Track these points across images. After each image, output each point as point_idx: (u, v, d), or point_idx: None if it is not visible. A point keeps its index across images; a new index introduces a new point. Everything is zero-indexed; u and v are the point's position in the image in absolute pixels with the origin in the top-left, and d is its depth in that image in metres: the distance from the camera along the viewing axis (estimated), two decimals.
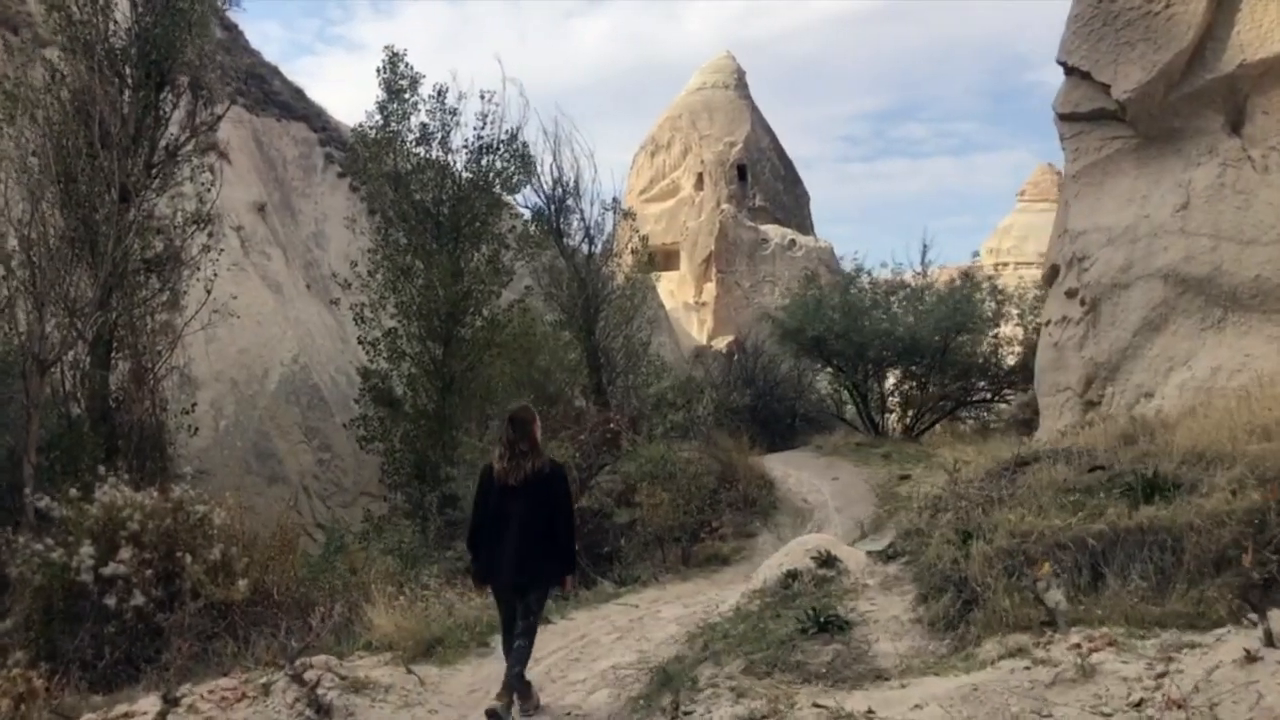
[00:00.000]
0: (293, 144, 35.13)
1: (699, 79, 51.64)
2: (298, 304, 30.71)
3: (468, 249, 22.87)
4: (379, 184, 23.27)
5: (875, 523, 13.10)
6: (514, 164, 23.75)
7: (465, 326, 22.48)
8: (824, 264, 47.35)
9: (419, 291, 22.19)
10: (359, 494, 27.81)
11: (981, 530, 7.45)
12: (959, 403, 23.69)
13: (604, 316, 25.76)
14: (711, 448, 15.70)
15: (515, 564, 7.14)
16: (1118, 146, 12.51)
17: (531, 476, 7.19)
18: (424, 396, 22.27)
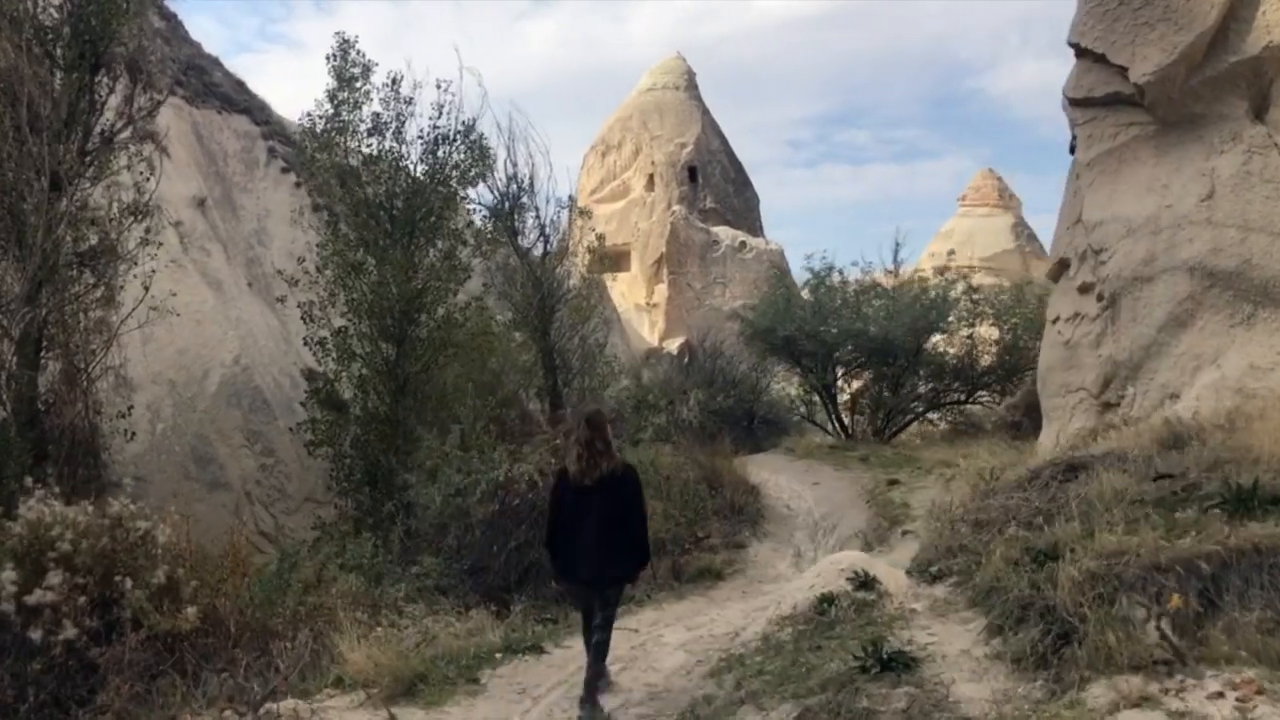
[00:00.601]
0: (234, 137, 33.51)
1: (649, 79, 50.65)
2: (239, 303, 29.16)
3: (423, 244, 21.61)
4: (328, 176, 21.92)
5: (878, 533, 12.13)
6: (471, 156, 22.55)
7: (420, 325, 21.21)
8: (775, 266, 46.54)
9: (371, 289, 20.86)
10: (304, 500, 26.39)
11: (1058, 549, 6.44)
12: (932, 405, 22.88)
13: (559, 317, 24.66)
14: (695, 452, 14.64)
15: (593, 562, 7.40)
16: (1135, 133, 11.64)
17: (606, 476, 7.47)
18: (375, 399, 20.94)
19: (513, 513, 13.35)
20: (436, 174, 22.17)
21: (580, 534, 7.45)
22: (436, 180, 22.15)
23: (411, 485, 16.59)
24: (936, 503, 10.77)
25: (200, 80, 34.14)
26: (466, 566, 13.22)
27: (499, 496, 13.59)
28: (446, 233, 22.09)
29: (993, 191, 70.62)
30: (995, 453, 15.10)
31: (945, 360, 22.25)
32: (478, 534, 13.44)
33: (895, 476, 15.95)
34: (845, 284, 23.91)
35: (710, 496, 13.46)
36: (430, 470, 16.68)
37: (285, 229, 30.36)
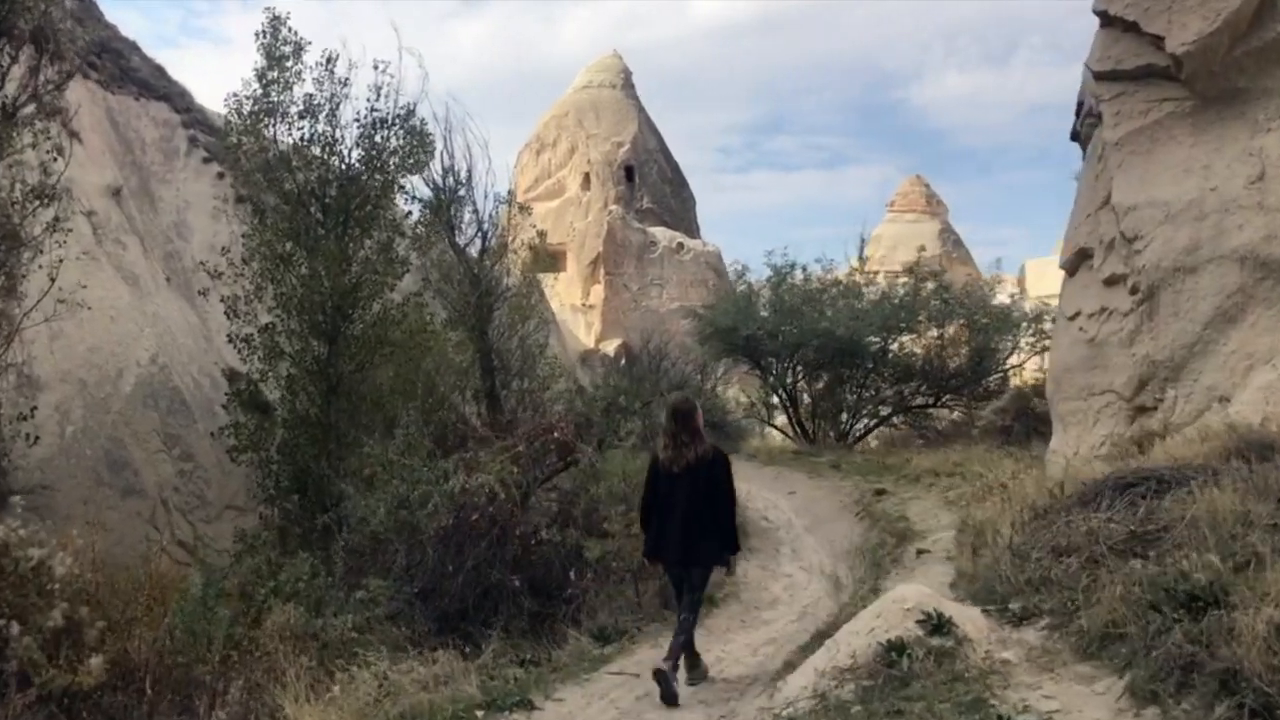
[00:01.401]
0: (153, 125, 31.29)
1: (585, 77, 49.11)
2: (157, 298, 27.04)
3: (358, 235, 19.80)
4: (256, 160, 20.01)
5: (884, 552, 10.74)
6: (411, 142, 20.78)
7: (354, 322, 19.41)
8: (712, 268, 45.33)
9: (301, 282, 18.98)
10: (225, 508, 24.43)
11: (1212, 590, 5.05)
12: (898, 408, 21.63)
13: (498, 316, 22.98)
14: None
15: (680, 546, 7.73)
16: (1169, 109, 10.40)
17: (694, 463, 7.75)
18: (305, 400, 19.08)
19: (470, 528, 11.73)
20: (373, 160, 20.38)
21: (670, 518, 7.78)
22: (373, 167, 20.35)
23: (349, 496, 14.84)
24: (974, 521, 9.37)
25: (116, 64, 31.80)
26: (417, 589, 11.59)
27: (455, 511, 11.96)
28: (383, 223, 20.32)
29: (920, 197, 70.53)
30: (991, 461, 13.86)
31: (913, 362, 21.07)
32: (430, 552, 11.79)
33: (880, 485, 14.62)
34: (808, 281, 22.66)
35: None
36: (368, 479, 15.00)
37: (207, 222, 28.37)
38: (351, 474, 16.20)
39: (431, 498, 12.07)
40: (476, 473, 12.16)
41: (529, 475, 12.21)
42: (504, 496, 11.55)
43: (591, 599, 10.15)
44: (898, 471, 15.66)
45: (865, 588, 9.51)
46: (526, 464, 12.17)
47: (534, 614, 10.48)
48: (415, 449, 15.99)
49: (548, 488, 12.56)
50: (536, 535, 11.49)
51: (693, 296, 43.90)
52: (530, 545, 11.39)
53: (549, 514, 11.72)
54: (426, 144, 21.41)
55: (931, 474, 14.32)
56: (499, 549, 11.52)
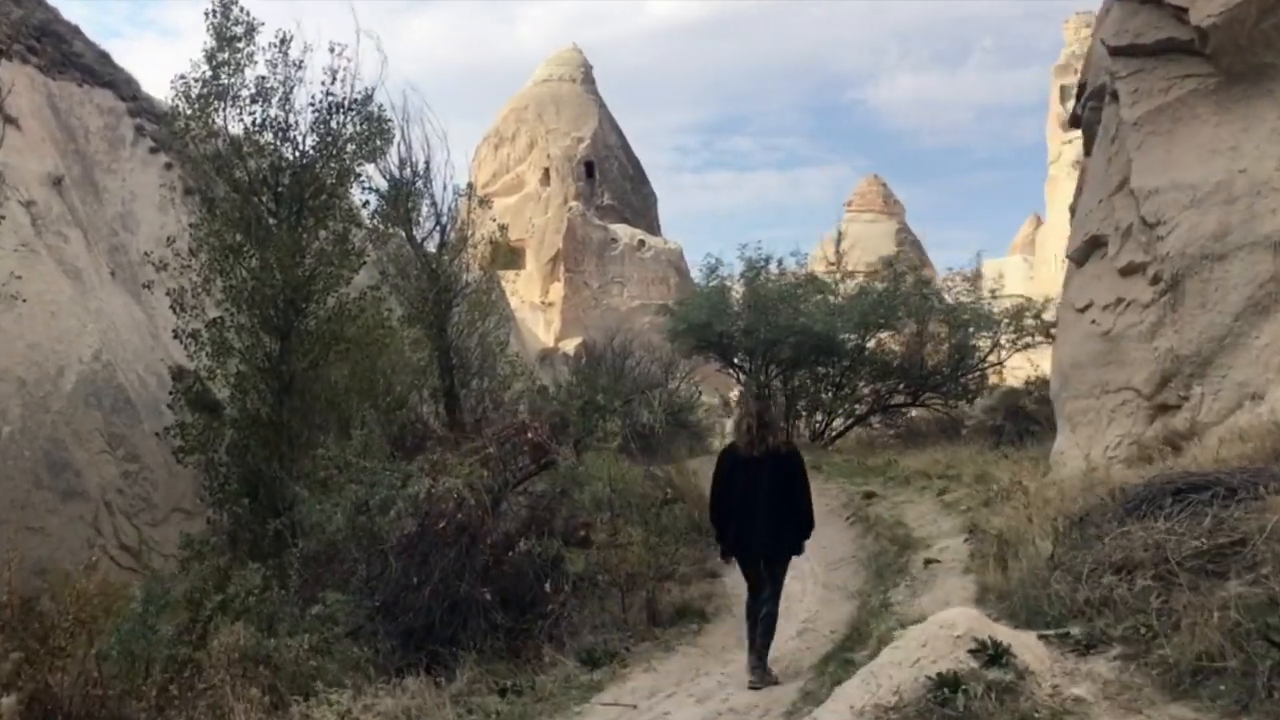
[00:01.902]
0: (97, 113, 29.85)
1: (545, 70, 48.08)
2: (100, 293, 25.69)
3: (312, 225, 18.70)
4: (205, 146, 18.85)
5: (886, 562, 9.91)
6: (370, 128, 19.69)
7: (308, 317, 18.30)
8: (674, 266, 44.54)
9: (252, 275, 17.84)
10: (172, 511, 23.20)
11: None
12: (876, 407, 20.86)
13: (457, 312, 21.99)
14: (649, 462, 12.29)
15: (767, 535, 7.70)
16: (1192, 86, 9.67)
17: (774, 450, 7.77)
18: (256, 399, 17.96)
19: (436, 536, 10.77)
20: (329, 147, 19.27)
21: (752, 508, 7.73)
22: (329, 154, 19.24)
23: (303, 500, 13.80)
24: (992, 529, 8.54)
25: (58, 49, 30.31)
26: (379, 603, 10.61)
27: (419, 518, 11.00)
28: (339, 213, 19.22)
29: (878, 197, 70.28)
30: (986, 462, 13.11)
31: (890, 359, 20.33)
32: (392, 563, 10.82)
33: (868, 488, 13.83)
34: (782, 275, 21.84)
35: (671, 515, 11.07)
36: (322, 482, 14.02)
37: (154, 214, 27.06)
38: (305, 476, 15.23)
39: (394, 503, 11.11)
40: (443, 476, 11.21)
41: (500, 479, 11.28)
42: (473, 502, 10.61)
43: (572, 615, 9.21)
44: (883, 473, 14.88)
45: (874, 601, 8.68)
46: (497, 467, 11.22)
47: (509, 631, 9.54)
48: (374, 450, 15.06)
49: (520, 492, 11.64)
50: (512, 547, 10.56)
51: (654, 295, 43.07)
52: (502, 555, 10.47)
53: (524, 521, 10.78)
54: (385, 131, 20.32)
55: (922, 476, 13.54)
56: (468, 559, 10.56)
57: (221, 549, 16.36)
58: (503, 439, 11.45)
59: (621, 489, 9.83)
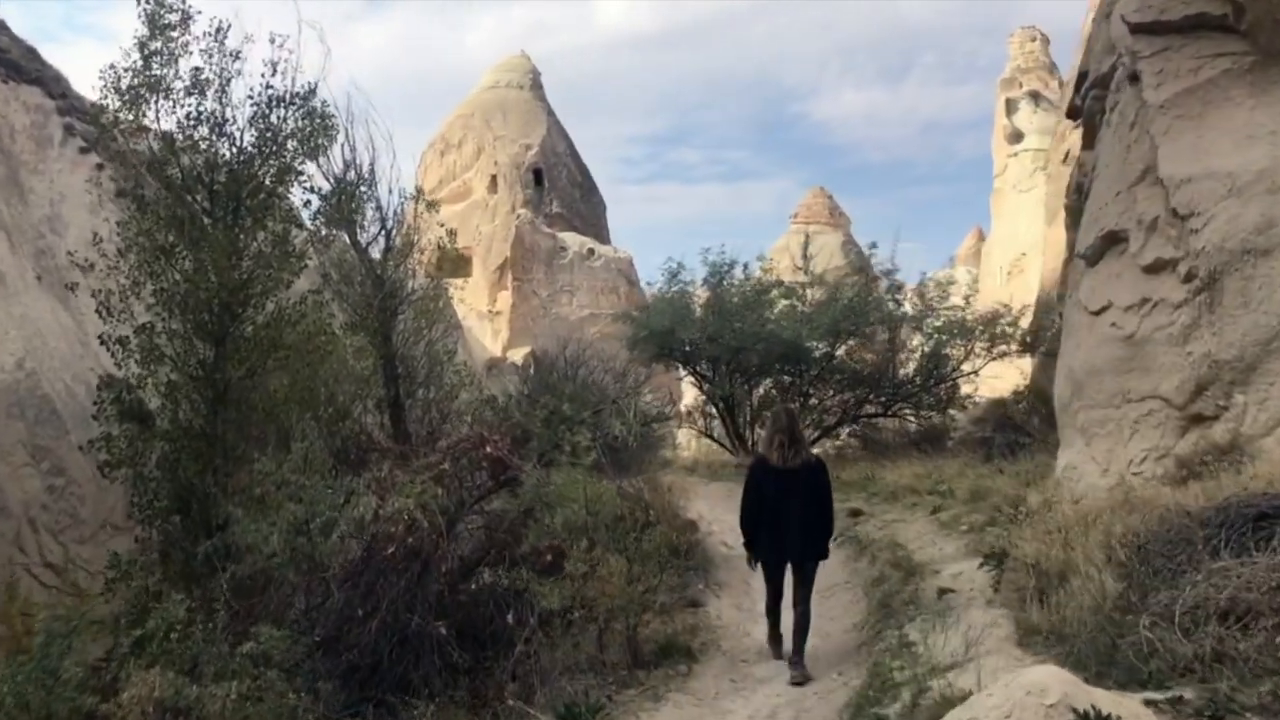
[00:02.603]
0: (23, 110, 27.95)
1: (493, 77, 46.69)
2: (25, 298, 23.91)
3: (250, 225, 17.25)
4: (136, 140, 17.34)
5: (891, 591, 8.75)
6: (312, 123, 18.28)
7: (245, 322, 16.84)
8: (624, 275, 43.35)
9: (185, 276, 16.35)
10: (100, 527, 21.52)
11: None
12: (845, 417, 19.78)
13: (403, 320, 20.63)
14: (622, 478, 11.04)
15: (797, 541, 8.20)
16: (1225, 66, 8.69)
17: (807, 462, 8.41)
18: (188, 410, 16.46)
19: (384, 563, 9.47)
20: (268, 143, 17.84)
21: (786, 516, 8.15)
22: (269, 150, 17.81)
23: (237, 519, 12.38)
24: (1022, 557, 7.40)
25: None
26: (319, 638, 9.29)
27: (365, 541, 9.69)
28: (279, 213, 17.79)
29: (824, 209, 69.76)
30: (978, 475, 12.06)
31: (861, 368, 19.27)
32: (334, 592, 9.51)
33: (851, 505, 12.71)
34: (747, 280, 20.72)
35: (647, 537, 9.84)
36: (258, 499, 12.65)
37: (84, 216, 25.28)
38: (241, 492, 13.86)
39: (336, 525, 9.80)
40: (391, 495, 9.91)
41: (456, 498, 9.99)
42: (426, 524, 9.33)
43: (541, 655, 7.95)
44: (865, 488, 13.79)
45: (890, 639, 7.52)
46: (452, 485, 9.94)
47: (469, 671, 8.27)
48: (316, 465, 13.74)
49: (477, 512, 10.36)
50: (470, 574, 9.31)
51: (604, 304, 41.87)
52: (458, 583, 9.19)
53: (483, 546, 9.51)
54: (328, 127, 18.93)
55: (910, 491, 12.46)
56: (419, 588, 9.28)
57: (151, 568, 14.89)
58: (458, 453, 10.16)
59: (599, 511, 8.60)
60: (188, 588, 12.87)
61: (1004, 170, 55.10)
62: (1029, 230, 51.56)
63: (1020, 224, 52.02)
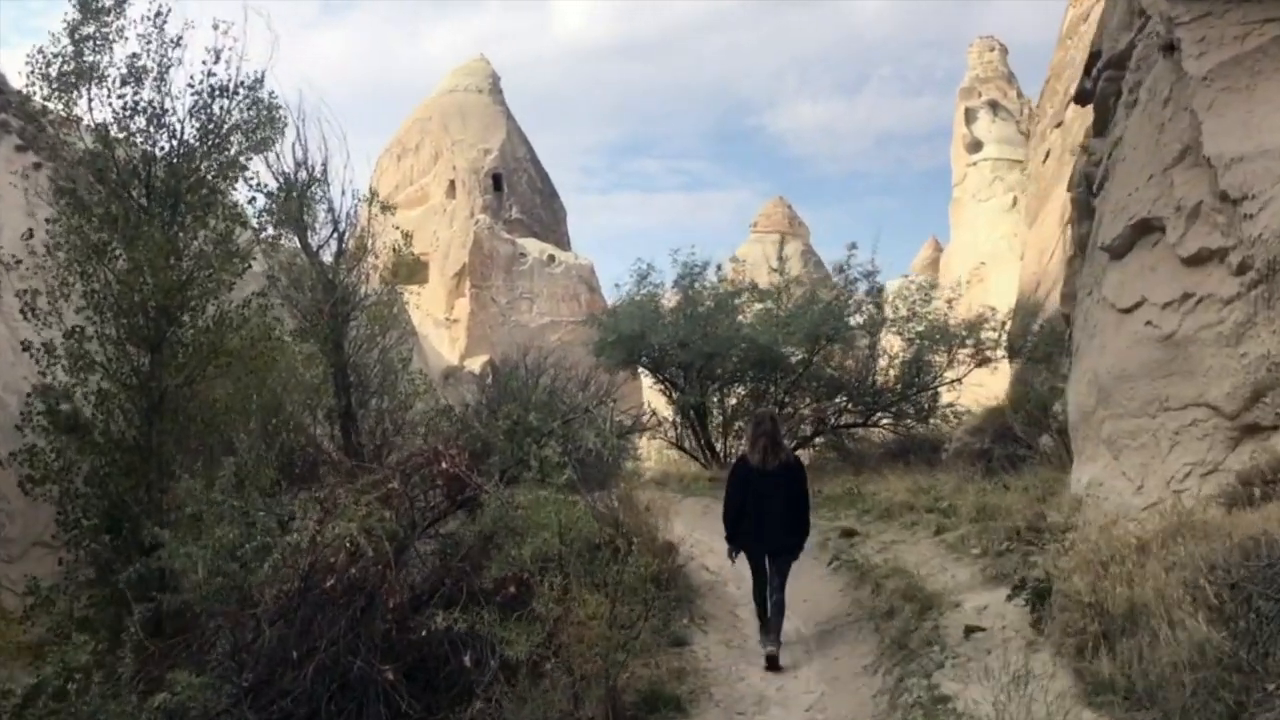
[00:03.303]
0: None
1: (451, 80, 45.23)
2: None
3: (190, 223, 15.82)
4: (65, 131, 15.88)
5: (905, 628, 7.54)
6: (258, 115, 16.87)
7: (183, 327, 15.41)
8: (585, 282, 42.07)
9: (119, 277, 14.89)
10: (31, 545, 19.99)
11: None
12: (822, 427, 18.60)
13: (355, 326, 19.23)
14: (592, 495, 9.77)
15: (777, 534, 8.67)
16: (1274, 33, 7.60)
17: (785, 463, 8.94)
18: (121, 420, 14.99)
19: (323, 597, 8.16)
20: (211, 135, 16.42)
21: (767, 512, 8.68)
22: (211, 143, 16.38)
23: (164, 542, 10.96)
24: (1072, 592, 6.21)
25: None
26: (247, 684, 7.96)
27: (302, 571, 8.37)
28: (222, 210, 16.36)
29: (783, 218, 69.11)
30: (980, 491, 10.92)
31: (842, 377, 18.11)
32: (266, 631, 8.18)
33: (842, 523, 11.55)
34: (721, 282, 19.50)
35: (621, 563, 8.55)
36: (193, 520, 11.27)
37: (19, 218, 23.73)
38: (174, 510, 12.47)
39: (270, 553, 8.46)
40: (334, 518, 8.58)
41: (406, 521, 8.69)
42: (372, 552, 8.03)
43: (506, 708, 6.66)
44: (854, 504, 12.61)
45: (918, 692, 6.31)
46: (402, 506, 8.64)
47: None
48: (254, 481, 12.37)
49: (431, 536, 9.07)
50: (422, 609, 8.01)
51: (564, 311, 40.57)
52: (408, 621, 7.89)
53: (436, 576, 8.21)
54: (275, 120, 17.52)
55: (906, 508, 11.29)
56: (364, 626, 7.98)
57: (77, 593, 13.39)
58: (409, 470, 8.88)
59: (573, 540, 7.33)
60: (118, 615, 11.46)
61: (963, 179, 54.40)
62: (989, 239, 50.90)
63: (980, 233, 51.37)
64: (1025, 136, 55.44)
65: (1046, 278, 20.44)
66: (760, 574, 8.77)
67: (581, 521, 7.38)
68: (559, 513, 7.38)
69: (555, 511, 7.39)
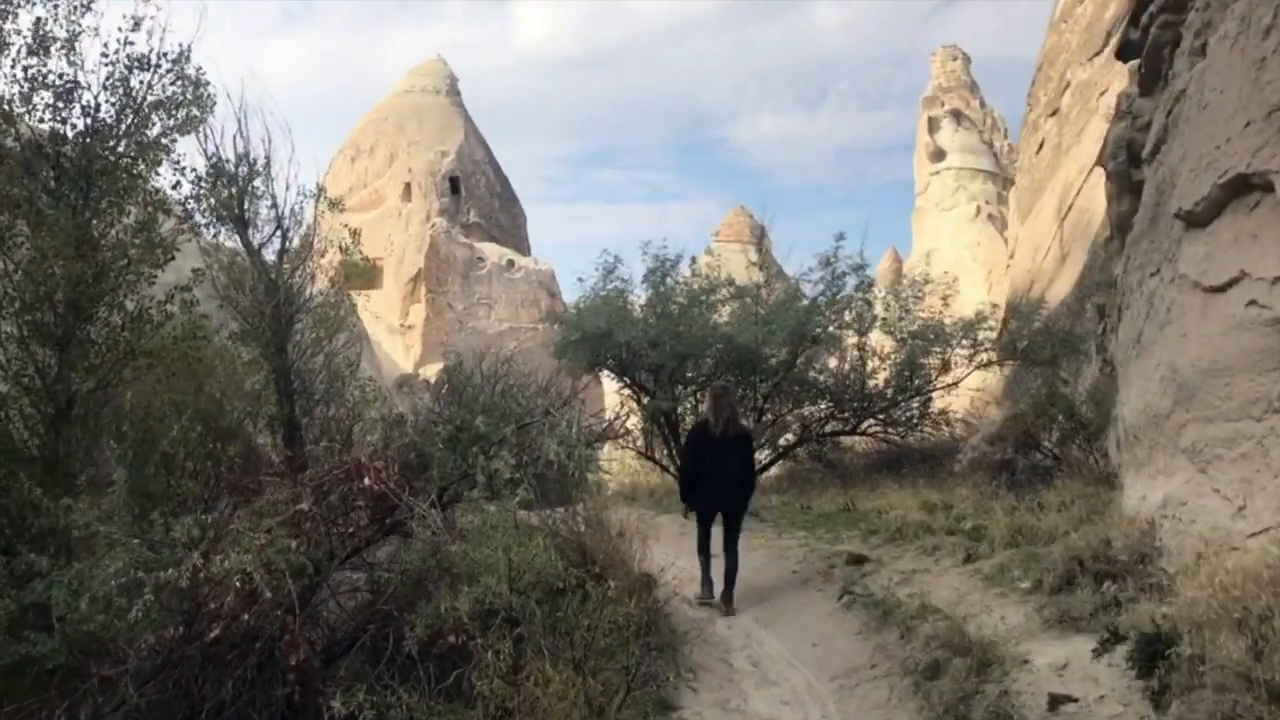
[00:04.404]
0: None
1: (408, 81, 43.22)
2: None
3: (105, 208, 13.78)
4: None
5: (969, 696, 5.70)
6: (184, 92, 14.85)
7: (96, 323, 13.40)
8: (545, 288, 40.17)
9: (21, 267, 12.87)
10: None
11: None
12: (807, 436, 16.76)
13: (300, 329, 17.14)
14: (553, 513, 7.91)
15: (732, 494, 9.52)
16: None
17: (740, 432, 9.98)
18: (23, 427, 12.94)
19: (207, 651, 6.23)
20: (129, 112, 14.39)
21: (722, 474, 9.42)
22: (131, 121, 14.34)
23: (43, 572, 8.92)
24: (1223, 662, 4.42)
25: None
26: None
27: (183, 616, 6.45)
28: (143, 196, 14.32)
29: (745, 227, 67.73)
30: (1008, 508, 9.14)
31: (828, 380, 16.31)
32: (131, 693, 6.24)
33: (845, 547, 9.72)
34: (695, 277, 17.65)
35: (587, 593, 6.64)
36: (86, 540, 9.29)
37: None
38: (63, 532, 10.42)
39: (141, 592, 6.51)
40: (229, 550, 6.65)
41: (322, 551, 6.79)
42: (270, 594, 6.14)
43: None
44: (856, 524, 10.78)
45: None
46: (315, 532, 6.73)
47: None
48: (171, 495, 10.43)
49: (355, 565, 7.17)
50: (334, 664, 6.11)
51: (523, 317, 38.67)
52: (314, 682, 5.98)
53: (354, 623, 6.31)
54: (203, 98, 15.49)
55: (921, 529, 9.47)
56: (259, 689, 6.06)
57: None
58: (324, 488, 6.97)
59: (529, 586, 5.43)
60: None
61: (926, 189, 53.22)
62: (952, 248, 49.68)
63: (943, 242, 50.17)
64: (988, 146, 54.51)
65: (1042, 275, 18.89)
66: (706, 530, 9.53)
67: (539, 559, 5.52)
68: (509, 549, 5.49)
69: (504, 547, 5.51)
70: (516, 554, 5.38)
